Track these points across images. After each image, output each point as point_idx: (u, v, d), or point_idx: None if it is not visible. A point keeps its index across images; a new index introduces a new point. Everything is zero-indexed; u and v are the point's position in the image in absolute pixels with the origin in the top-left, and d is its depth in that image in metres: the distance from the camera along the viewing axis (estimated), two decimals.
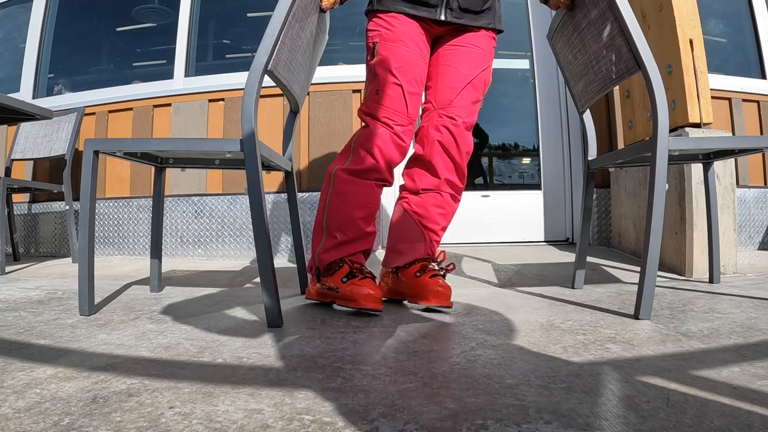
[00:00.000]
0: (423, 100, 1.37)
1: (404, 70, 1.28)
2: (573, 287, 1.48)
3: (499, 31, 1.39)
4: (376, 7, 1.33)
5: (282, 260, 2.31)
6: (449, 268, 1.28)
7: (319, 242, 1.29)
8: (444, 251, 1.34)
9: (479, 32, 1.35)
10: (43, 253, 2.73)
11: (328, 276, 1.22)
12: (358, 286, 1.14)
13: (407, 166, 1.39)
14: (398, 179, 1.41)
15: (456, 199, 1.36)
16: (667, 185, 1.09)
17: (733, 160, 1.68)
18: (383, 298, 1.24)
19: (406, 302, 1.32)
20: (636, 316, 1.07)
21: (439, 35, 1.36)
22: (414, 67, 1.29)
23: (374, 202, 1.29)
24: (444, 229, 1.36)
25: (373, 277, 1.19)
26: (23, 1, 3.05)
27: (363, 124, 1.32)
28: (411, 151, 1.37)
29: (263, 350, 0.86)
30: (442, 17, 1.29)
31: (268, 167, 1.32)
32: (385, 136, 1.27)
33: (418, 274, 1.24)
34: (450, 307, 1.18)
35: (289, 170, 1.45)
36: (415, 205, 1.34)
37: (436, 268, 1.27)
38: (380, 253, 2.27)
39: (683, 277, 1.66)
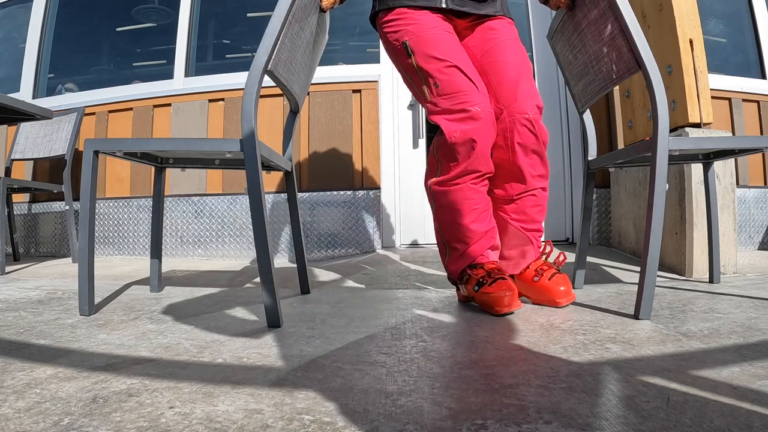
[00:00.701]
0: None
1: (450, 52, 1.23)
2: (573, 287, 1.48)
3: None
4: (380, 7, 1.31)
5: (282, 260, 2.31)
6: (560, 260, 1.28)
7: (444, 255, 1.31)
8: (549, 241, 1.33)
9: (498, 20, 1.32)
10: (43, 253, 2.73)
11: (464, 285, 1.23)
12: (488, 293, 1.13)
13: (493, 177, 1.29)
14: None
15: (546, 189, 1.30)
16: (667, 185, 1.09)
17: (733, 160, 1.68)
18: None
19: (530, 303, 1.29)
20: (636, 316, 1.07)
21: (463, 28, 1.33)
22: (458, 49, 1.26)
23: (478, 201, 1.23)
24: (542, 220, 1.32)
25: (503, 276, 1.16)
26: (23, 1, 3.05)
27: (438, 129, 1.24)
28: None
29: (263, 350, 0.86)
30: (443, 4, 1.27)
31: (268, 167, 1.32)
32: (462, 125, 1.18)
33: (536, 278, 1.25)
34: (574, 298, 1.22)
35: (289, 170, 1.45)
36: (513, 212, 1.29)
37: (551, 265, 1.27)
38: (381, 252, 2.27)
39: (683, 277, 1.66)
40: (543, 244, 1.34)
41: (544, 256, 1.32)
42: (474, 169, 1.21)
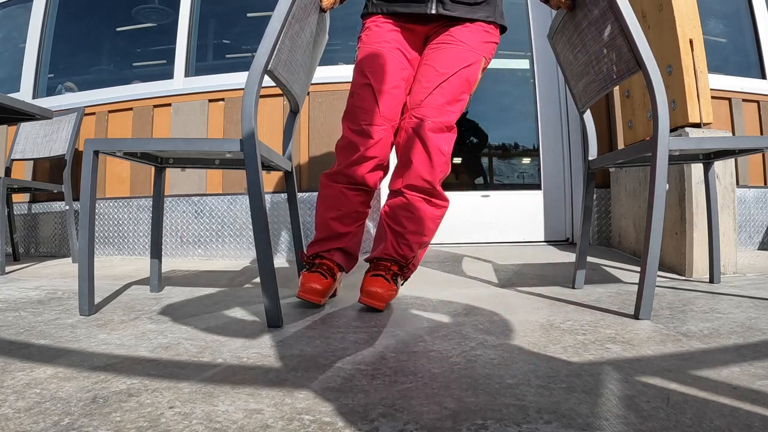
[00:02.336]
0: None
1: (375, 69, 1.28)
2: (573, 287, 1.48)
3: (501, 27, 1.34)
4: (363, 12, 1.36)
5: (282, 260, 2.31)
6: (406, 274, 1.29)
7: (313, 239, 1.37)
8: (416, 258, 1.30)
9: (471, 25, 1.28)
10: (43, 253, 2.73)
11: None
12: (305, 276, 1.24)
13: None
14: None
15: (429, 202, 1.27)
16: (667, 185, 1.09)
17: (733, 160, 1.68)
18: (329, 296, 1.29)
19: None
20: (636, 316, 1.07)
21: (428, 34, 1.33)
22: (388, 66, 1.27)
23: (346, 205, 1.31)
24: (417, 233, 1.27)
25: (326, 273, 1.24)
26: (23, 1, 3.05)
27: None
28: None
29: (263, 350, 0.86)
30: (433, 11, 1.27)
31: (268, 167, 1.32)
32: (353, 137, 1.27)
33: (369, 271, 1.27)
34: (378, 309, 1.19)
35: (289, 170, 1.45)
36: (387, 206, 1.32)
37: (389, 268, 1.24)
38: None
39: (683, 277, 1.66)
40: (407, 258, 1.27)
41: (391, 263, 1.26)
42: (348, 176, 1.30)
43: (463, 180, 3.04)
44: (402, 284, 1.32)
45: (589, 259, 1.86)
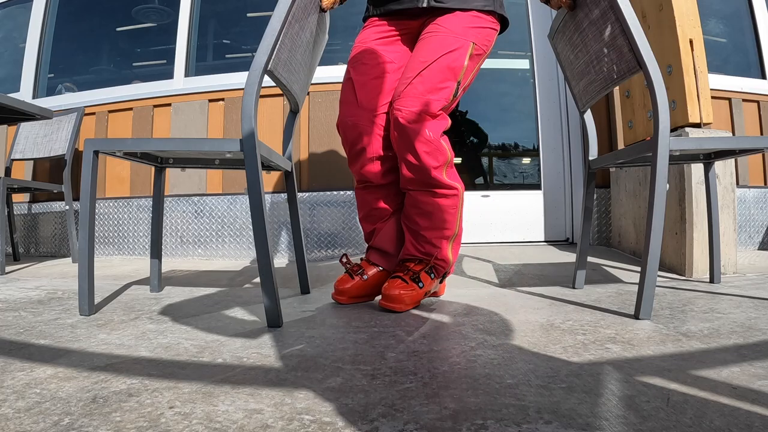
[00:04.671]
0: None
1: (357, 65, 1.31)
2: (574, 287, 1.48)
3: (501, 17, 1.30)
4: (372, 12, 1.37)
5: (282, 260, 2.31)
6: (439, 271, 1.28)
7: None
8: (443, 252, 1.26)
9: (461, 13, 1.24)
10: (43, 253, 2.73)
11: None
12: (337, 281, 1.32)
13: None
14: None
15: (434, 194, 1.22)
16: (667, 185, 1.09)
17: (733, 160, 1.68)
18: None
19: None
20: (636, 316, 1.07)
21: (420, 29, 1.32)
22: (369, 59, 1.29)
23: (364, 204, 1.36)
24: (433, 228, 1.24)
25: (352, 273, 1.31)
26: (23, 1, 3.05)
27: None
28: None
29: (263, 350, 0.86)
30: (425, 3, 1.26)
31: (268, 167, 1.32)
32: (342, 134, 1.31)
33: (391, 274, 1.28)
34: (397, 312, 1.19)
35: (289, 170, 1.45)
36: (404, 205, 1.34)
37: (409, 268, 1.23)
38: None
39: (683, 277, 1.66)
40: (431, 255, 1.25)
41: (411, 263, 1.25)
42: (355, 174, 1.35)
43: (463, 180, 3.02)
44: (440, 281, 1.32)
45: (589, 259, 1.86)
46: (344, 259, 1.34)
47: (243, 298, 1.39)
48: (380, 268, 1.33)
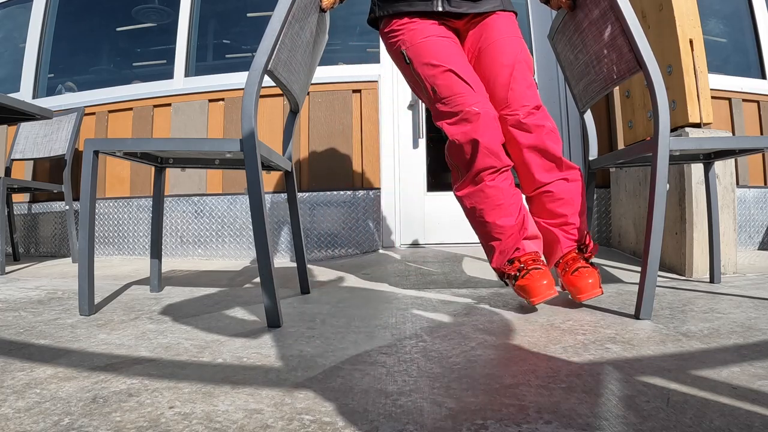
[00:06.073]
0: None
1: (445, 56, 1.26)
2: None
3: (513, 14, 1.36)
4: (379, 13, 1.35)
5: (282, 260, 2.31)
6: (590, 248, 1.26)
7: (488, 256, 1.31)
8: (588, 232, 1.28)
9: (495, 15, 1.31)
10: (43, 253, 2.73)
11: (507, 281, 1.24)
12: (521, 286, 1.18)
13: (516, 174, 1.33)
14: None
15: (570, 179, 1.26)
16: (667, 185, 1.09)
17: (733, 160, 1.68)
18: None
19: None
20: (636, 316, 1.07)
21: (457, 29, 1.34)
22: (453, 52, 1.28)
23: (500, 197, 1.24)
24: (575, 213, 1.26)
25: (538, 266, 1.17)
26: (23, 1, 3.05)
27: (444, 134, 1.28)
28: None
29: (263, 350, 0.86)
30: (439, 8, 1.27)
31: (268, 167, 1.32)
32: (468, 124, 1.21)
33: (564, 273, 1.25)
34: (597, 294, 1.18)
35: (289, 170, 1.45)
36: (533, 209, 1.31)
37: (578, 258, 1.24)
38: (381, 252, 2.27)
39: (683, 277, 1.65)
40: (581, 235, 1.27)
41: (581, 248, 1.26)
42: (486, 166, 1.23)
43: None
44: (592, 257, 1.27)
45: None
46: (512, 271, 1.19)
47: (243, 298, 1.39)
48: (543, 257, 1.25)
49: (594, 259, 1.96)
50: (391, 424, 0.55)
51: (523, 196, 1.31)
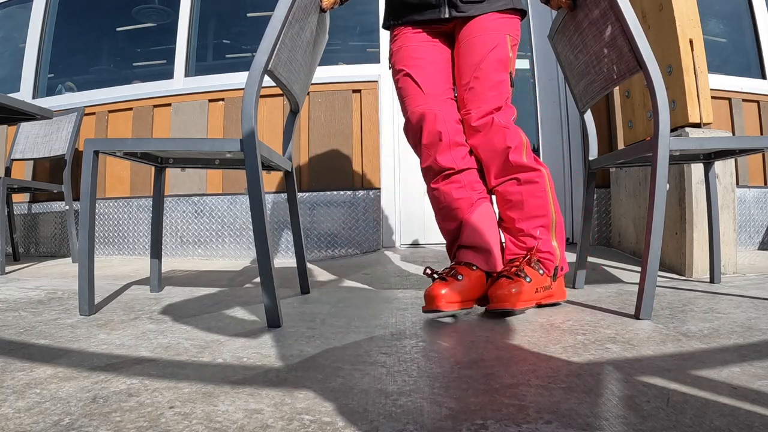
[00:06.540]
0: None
1: (408, 61, 1.29)
2: (574, 287, 1.48)
3: (520, 12, 1.31)
4: (385, 24, 1.38)
5: (282, 260, 2.31)
6: (547, 264, 1.23)
7: None
8: (544, 242, 1.23)
9: (482, 18, 1.27)
10: (43, 253, 2.73)
11: None
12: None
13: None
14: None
15: (519, 181, 1.21)
16: (667, 185, 1.09)
17: (733, 160, 1.68)
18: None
19: None
20: (636, 316, 1.07)
21: (450, 31, 1.34)
22: (419, 54, 1.29)
23: (441, 200, 1.27)
24: (528, 217, 1.22)
25: (445, 277, 1.15)
26: (23, 1, 3.05)
27: None
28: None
29: (263, 350, 0.86)
30: (447, 14, 1.27)
31: (268, 167, 1.32)
32: (411, 126, 1.28)
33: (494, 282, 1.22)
34: (510, 310, 1.11)
35: (289, 170, 1.45)
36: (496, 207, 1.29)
37: (517, 267, 1.17)
38: (381, 252, 2.27)
39: (683, 277, 1.65)
40: (535, 246, 1.20)
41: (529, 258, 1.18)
42: (431, 167, 1.27)
43: None
44: (553, 278, 1.22)
45: (589, 259, 1.86)
46: (428, 271, 1.19)
47: (243, 298, 1.39)
48: (475, 267, 1.19)
49: (594, 259, 1.96)
50: (391, 424, 0.55)
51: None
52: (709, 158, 1.47)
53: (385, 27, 1.40)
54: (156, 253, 1.47)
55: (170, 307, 1.26)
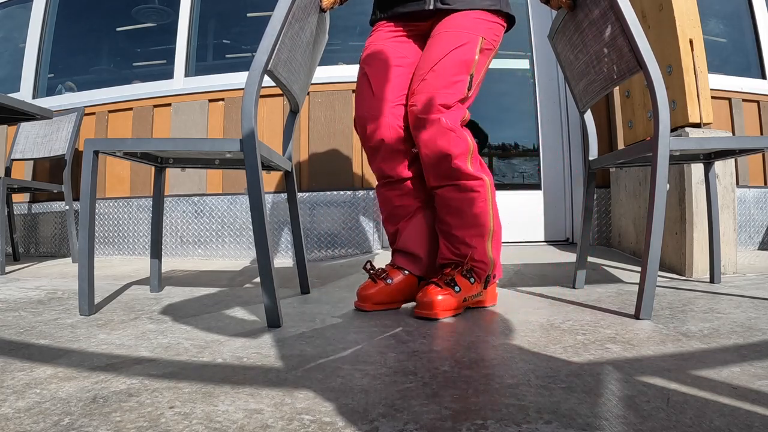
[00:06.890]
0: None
1: (370, 61, 1.29)
2: (574, 287, 1.48)
3: (507, 16, 1.28)
4: (371, 19, 1.37)
5: (282, 260, 2.31)
6: (479, 274, 1.20)
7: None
8: (480, 252, 1.20)
9: (467, 11, 1.23)
10: (43, 253, 2.73)
11: None
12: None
13: None
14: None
15: (458, 188, 1.18)
16: (667, 185, 1.09)
17: (733, 160, 1.68)
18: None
19: None
20: (636, 316, 1.07)
21: (429, 30, 1.31)
22: (382, 56, 1.27)
23: (386, 203, 1.31)
24: (465, 226, 1.19)
25: (374, 278, 1.24)
26: (23, 1, 3.05)
27: None
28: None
29: (263, 350, 0.86)
30: (431, 6, 1.25)
31: (268, 167, 1.32)
32: (359, 128, 1.29)
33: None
34: (433, 318, 1.11)
35: (289, 170, 1.45)
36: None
37: (445, 273, 1.19)
38: (381, 252, 2.28)
39: (683, 277, 1.65)
40: (469, 255, 1.18)
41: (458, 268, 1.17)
42: (375, 171, 1.31)
43: None
44: (484, 286, 1.21)
45: (589, 259, 1.86)
46: (368, 266, 1.26)
47: (243, 298, 1.39)
48: (406, 271, 1.25)
49: (594, 259, 1.96)
50: (391, 424, 0.55)
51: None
52: (709, 158, 1.47)
53: (371, 23, 1.38)
54: (156, 253, 1.47)
55: (170, 307, 1.26)
